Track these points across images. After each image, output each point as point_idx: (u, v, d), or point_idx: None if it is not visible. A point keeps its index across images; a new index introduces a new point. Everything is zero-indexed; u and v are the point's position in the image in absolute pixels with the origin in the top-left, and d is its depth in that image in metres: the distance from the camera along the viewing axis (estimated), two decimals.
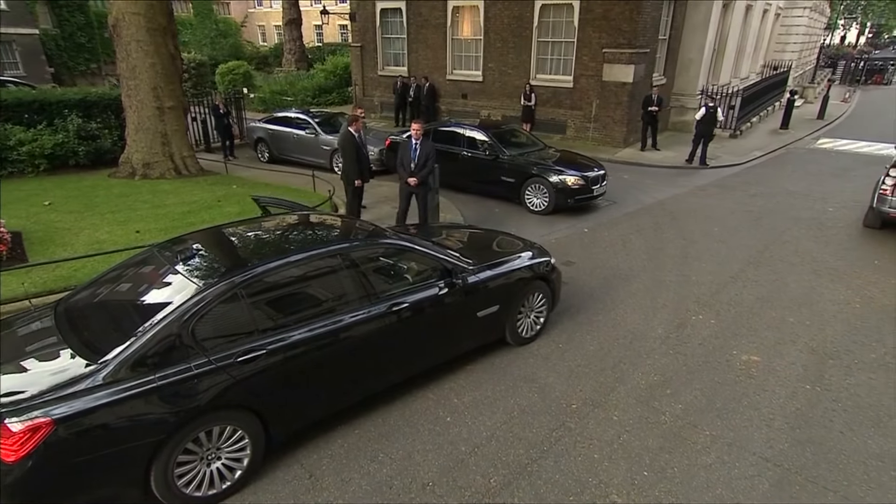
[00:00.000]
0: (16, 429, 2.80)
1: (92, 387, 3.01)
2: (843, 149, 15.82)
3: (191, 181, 11.33)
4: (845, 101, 25.35)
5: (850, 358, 5.25)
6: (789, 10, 26.51)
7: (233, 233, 4.62)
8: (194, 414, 3.30)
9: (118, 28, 10.46)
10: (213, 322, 3.45)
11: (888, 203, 8.22)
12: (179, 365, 3.26)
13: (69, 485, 3.04)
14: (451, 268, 4.73)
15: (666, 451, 4.03)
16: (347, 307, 4.04)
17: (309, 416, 4.03)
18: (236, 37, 39.70)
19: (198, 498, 3.45)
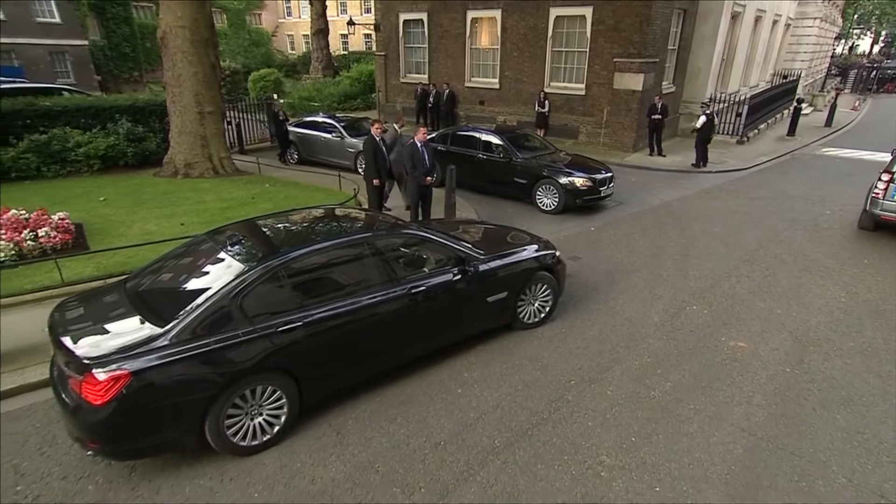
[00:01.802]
0: (101, 378, 3.30)
1: (160, 346, 3.50)
2: (847, 155, 15.81)
3: (227, 180, 11.88)
4: (855, 110, 25.08)
5: (830, 345, 5.51)
6: (799, 21, 26.31)
7: (273, 222, 5.09)
8: (241, 374, 3.76)
9: (166, 40, 11.08)
10: (257, 297, 3.90)
11: (880, 206, 8.38)
12: (230, 332, 3.72)
13: (141, 427, 3.52)
14: (464, 256, 5.12)
15: (653, 422, 4.37)
16: (372, 289, 4.46)
17: (337, 382, 4.47)
18: (267, 46, 40.71)
19: (243, 447, 3.91)
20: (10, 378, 4.68)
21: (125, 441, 3.52)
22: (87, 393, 3.32)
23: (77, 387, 3.39)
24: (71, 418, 3.49)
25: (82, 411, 3.38)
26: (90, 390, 3.30)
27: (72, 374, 3.44)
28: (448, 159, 10.37)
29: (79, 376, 3.36)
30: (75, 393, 3.42)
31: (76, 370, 3.40)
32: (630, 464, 3.89)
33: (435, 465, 3.87)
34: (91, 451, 3.54)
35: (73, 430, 3.55)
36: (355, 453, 3.99)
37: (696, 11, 17.05)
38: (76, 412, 3.43)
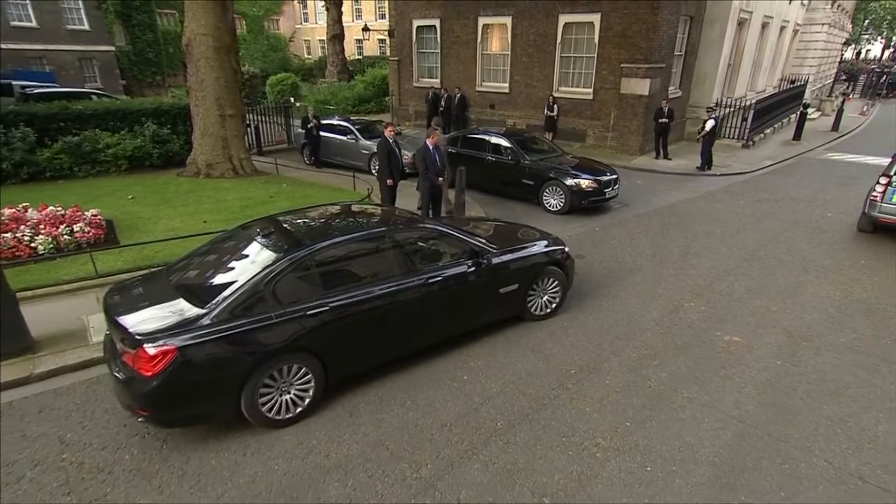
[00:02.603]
0: (151, 352, 3.65)
1: (203, 325, 3.85)
2: (852, 160, 15.78)
3: (246, 180, 12.24)
4: (864, 114, 24.89)
5: (822, 341, 5.65)
6: (807, 27, 26.17)
7: (302, 216, 5.44)
8: (273, 353, 4.08)
9: (190, 47, 11.46)
10: (289, 283, 4.23)
11: (878, 208, 8.47)
12: (264, 314, 4.05)
13: (185, 398, 3.87)
14: (478, 250, 5.38)
15: (648, 408, 4.56)
16: (392, 278, 4.75)
17: (359, 364, 4.76)
18: (285, 51, 41.27)
19: (274, 420, 4.23)
20: (53, 360, 5.00)
21: (172, 409, 3.87)
22: (139, 365, 3.68)
23: (130, 360, 3.75)
24: (124, 389, 3.84)
25: (134, 382, 3.73)
26: (142, 363, 3.67)
27: (126, 348, 3.82)
28: (458, 161, 10.60)
29: (132, 350, 3.73)
30: (128, 366, 3.78)
31: (130, 345, 3.76)
32: (623, 446, 4.09)
33: (441, 443, 4.11)
34: (142, 418, 3.87)
35: (126, 399, 3.90)
36: (367, 432, 4.24)
37: (703, 18, 17.11)
38: (129, 383, 3.78)
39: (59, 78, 22.77)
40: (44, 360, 4.98)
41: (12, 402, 4.56)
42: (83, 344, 5.26)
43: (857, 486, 3.70)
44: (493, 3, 17.22)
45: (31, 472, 3.78)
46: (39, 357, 5.02)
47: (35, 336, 5.17)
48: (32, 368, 4.86)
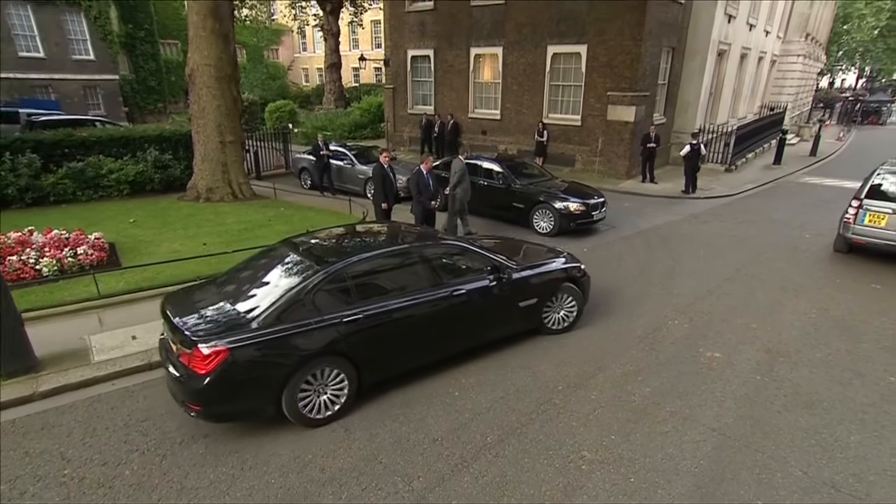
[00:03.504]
0: (205, 351, 3.99)
1: (251, 328, 4.20)
2: (829, 183, 16.20)
3: (245, 204, 12.40)
4: (840, 140, 25.54)
5: (799, 357, 5.80)
6: (784, 58, 27.02)
7: (340, 233, 5.87)
8: (312, 356, 4.40)
9: (193, 77, 11.75)
10: (327, 293, 4.58)
11: (851, 230, 8.72)
12: (304, 320, 4.38)
13: (233, 395, 4.17)
14: (499, 265, 5.66)
15: (632, 422, 4.67)
16: (420, 290, 5.08)
17: (388, 369, 5.05)
18: (283, 79, 42.00)
19: (312, 418, 4.52)
20: (56, 378, 5.06)
21: (221, 405, 4.18)
22: (193, 364, 4.01)
23: (186, 359, 4.08)
24: (178, 386, 4.18)
25: (189, 379, 4.06)
26: (196, 361, 4.00)
27: (182, 348, 4.14)
28: None
29: (188, 350, 4.05)
30: (184, 364, 4.11)
31: (185, 345, 4.09)
32: (608, 458, 4.19)
33: (433, 457, 4.19)
34: (193, 413, 4.17)
35: (179, 395, 4.23)
36: (361, 447, 4.32)
37: (684, 49, 17.70)
38: (183, 380, 4.11)
39: (64, 106, 23.06)
40: (47, 379, 5.04)
41: (15, 420, 4.61)
42: (85, 363, 5.33)
43: (830, 494, 3.81)
44: (484, 34, 17.76)
45: (33, 488, 3.83)
46: (42, 376, 5.08)
47: (39, 355, 5.24)
48: (35, 387, 4.92)
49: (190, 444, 4.32)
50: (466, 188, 9.70)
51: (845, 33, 47.85)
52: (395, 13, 20.22)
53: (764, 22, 22.49)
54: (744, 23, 20.08)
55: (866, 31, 47.54)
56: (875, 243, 8.56)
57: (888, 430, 4.56)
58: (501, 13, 17.10)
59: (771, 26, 23.81)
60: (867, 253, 8.96)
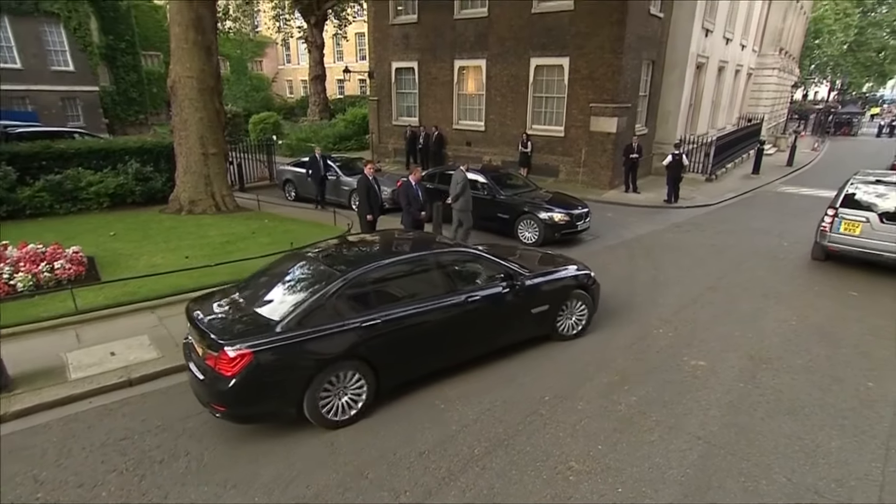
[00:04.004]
0: (231, 354, 4.12)
1: (275, 333, 4.31)
2: (805, 192, 16.59)
3: (228, 216, 12.28)
4: (815, 150, 26.22)
5: (781, 363, 5.89)
6: (760, 71, 27.75)
7: (358, 241, 6.11)
8: (333, 359, 4.52)
9: (175, 89, 11.66)
10: (347, 297, 4.72)
11: (828, 238, 8.92)
12: (326, 324, 4.50)
13: (258, 397, 4.31)
14: (512, 273, 5.79)
15: (618, 432, 4.67)
16: (436, 296, 5.21)
17: (406, 373, 5.15)
18: (267, 90, 41.89)
19: (332, 420, 4.63)
20: (29, 398, 4.91)
21: (246, 406, 4.31)
22: (219, 366, 4.14)
23: (212, 361, 4.20)
24: (204, 388, 4.31)
25: (215, 381, 4.19)
26: (222, 364, 4.12)
27: (208, 351, 4.25)
28: (436, 197, 10.85)
29: (214, 353, 4.18)
30: (210, 367, 4.23)
31: (212, 348, 4.21)
32: (596, 468, 4.18)
33: (419, 471, 4.14)
34: (219, 414, 4.31)
35: (205, 396, 4.35)
36: (346, 462, 4.25)
37: (664, 62, 18.09)
38: (209, 382, 4.24)
39: (42, 117, 22.67)
40: (20, 399, 4.89)
41: None
42: (61, 381, 5.19)
43: (813, 500, 3.85)
44: (467, 46, 17.95)
45: None
46: (15, 395, 4.93)
47: (12, 374, 5.09)
48: (8, 407, 4.77)
49: (171, 462, 4.22)
50: (468, 200, 9.77)
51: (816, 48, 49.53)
52: (379, 26, 20.35)
53: (740, 36, 23.10)
54: (721, 37, 20.61)
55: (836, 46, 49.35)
56: (850, 251, 8.76)
57: (867, 435, 4.63)
58: (485, 26, 17.32)
59: (746, 40, 24.47)
60: (843, 260, 9.16)
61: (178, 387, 5.35)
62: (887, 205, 8.61)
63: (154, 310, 6.94)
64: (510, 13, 16.63)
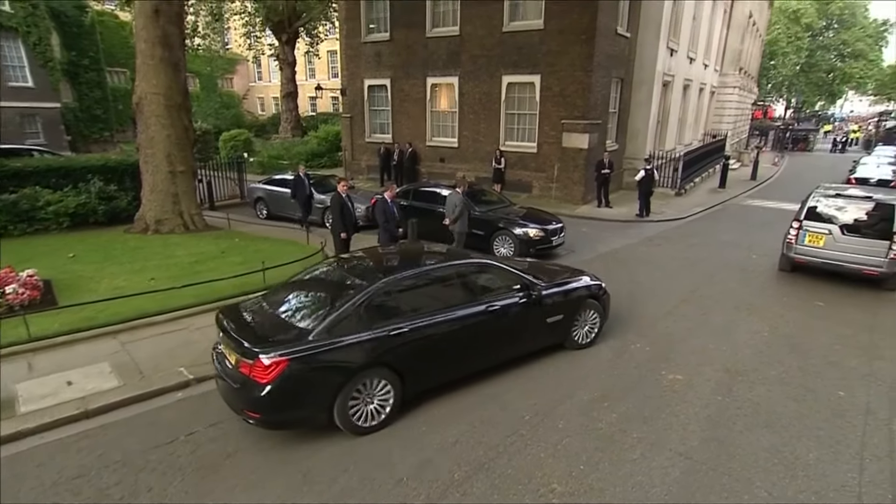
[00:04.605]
0: (266, 362, 4.24)
1: (308, 341, 4.45)
2: (770, 206, 17.14)
3: (197, 235, 11.91)
4: (775, 165, 27.24)
5: (756, 375, 5.95)
6: (722, 89, 28.83)
7: (384, 252, 6.41)
8: (362, 366, 4.65)
9: (141, 105, 11.35)
10: (376, 307, 4.86)
11: (794, 250, 9.18)
12: (355, 333, 4.63)
13: (291, 404, 4.41)
14: (528, 283, 5.96)
15: (600, 451, 4.61)
16: (458, 305, 5.38)
17: (430, 380, 5.28)
18: (238, 108, 41.38)
19: (361, 427, 4.74)
20: None
21: (279, 413, 4.40)
22: (254, 373, 4.26)
23: (247, 369, 4.31)
24: (237, 395, 4.45)
25: (249, 388, 4.30)
26: (257, 371, 4.25)
27: (243, 359, 4.37)
28: (410, 213, 10.78)
29: (249, 361, 4.29)
30: (243, 374, 4.36)
31: (247, 356, 4.32)
32: (579, 489, 4.10)
33: (398, 499, 3.98)
34: (252, 420, 4.43)
35: (239, 404, 4.48)
36: (322, 490, 4.07)
37: (632, 80, 18.58)
38: (243, 390, 4.36)
39: None
40: None
41: None
42: (9, 415, 4.85)
43: None
44: (440, 64, 18.09)
45: None
46: None
47: None
48: None
49: (130, 501, 3.95)
50: (464, 220, 9.76)
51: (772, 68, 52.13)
52: (351, 44, 20.38)
53: (702, 56, 23.98)
54: (685, 56, 21.33)
55: (789, 67, 52.11)
56: (815, 262, 9.02)
57: (842, 446, 4.69)
58: (457, 44, 17.51)
59: (708, 60, 25.41)
60: (809, 271, 9.42)
61: (142, 416, 5.09)
62: (847, 217, 8.93)
63: (116, 335, 6.62)
64: (482, 32, 16.87)
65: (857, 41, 52.49)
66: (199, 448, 4.61)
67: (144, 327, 6.90)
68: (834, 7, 52.02)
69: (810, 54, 52.46)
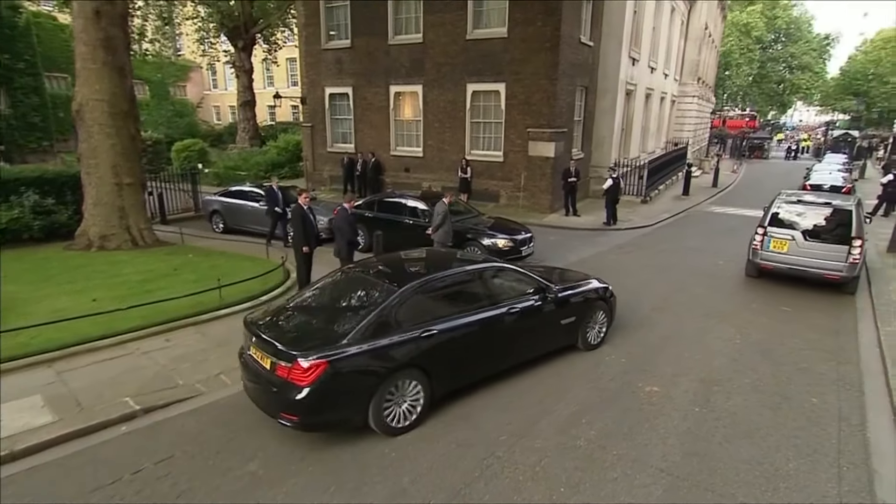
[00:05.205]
0: (305, 364, 4.37)
1: (344, 344, 4.59)
2: (732, 212, 17.74)
3: (147, 252, 11.34)
4: (735, 172, 28.35)
5: (731, 384, 6.00)
6: (682, 98, 29.90)
7: (405, 257, 6.59)
8: (396, 368, 4.81)
9: (81, 112, 10.75)
10: (406, 310, 5.04)
11: (759, 255, 9.44)
12: (388, 336, 4.81)
13: (329, 406, 4.55)
14: (544, 286, 6.25)
15: (580, 471, 4.49)
16: (481, 307, 5.62)
17: (457, 381, 5.48)
18: (192, 116, 40.12)
19: (394, 427, 4.90)
20: None
21: (317, 415, 4.55)
22: (293, 376, 4.39)
23: (284, 372, 4.44)
24: (274, 399, 4.60)
25: (288, 391, 4.42)
26: (296, 374, 4.38)
27: (279, 362, 4.50)
28: (375, 225, 10.56)
29: (287, 364, 4.43)
30: (280, 378, 4.48)
31: (285, 359, 4.46)
32: None
33: None
34: (290, 423, 4.52)
35: (275, 407, 4.61)
36: None
37: (596, 89, 18.98)
38: (280, 393, 4.48)
39: None
40: None
41: None
42: None
43: None
44: (403, 72, 18.00)
45: None
46: None
47: None
48: None
49: None
50: (447, 231, 9.67)
51: (727, 78, 54.74)
52: (311, 51, 20.07)
53: (662, 65, 24.80)
54: (646, 65, 21.99)
55: (743, 78, 54.89)
56: (780, 267, 9.29)
57: (820, 454, 4.73)
58: (420, 52, 17.48)
59: (668, 69, 26.32)
60: (775, 277, 9.69)
61: (80, 455, 4.67)
62: (808, 223, 9.25)
63: (52, 363, 6.12)
64: (445, 39, 16.90)
65: (804, 54, 55.95)
66: (146, 487, 4.25)
67: (85, 353, 6.42)
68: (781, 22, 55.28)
69: (761, 66, 55.50)
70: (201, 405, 5.56)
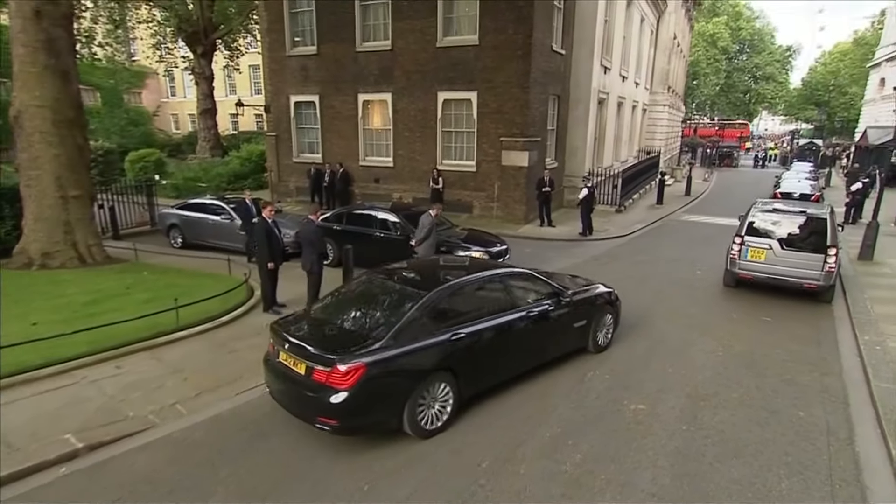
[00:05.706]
0: (343, 368, 4.54)
1: (379, 347, 4.78)
2: (706, 221, 18.10)
3: (95, 270, 10.77)
4: (706, 181, 29.09)
5: (717, 399, 5.96)
6: (653, 107, 30.64)
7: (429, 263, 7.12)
8: (428, 371, 5.03)
9: (20, 120, 10.18)
10: (435, 313, 5.28)
11: (737, 265, 9.55)
12: (420, 339, 5.02)
13: (366, 409, 4.76)
14: (558, 290, 6.60)
15: (567, 498, 4.33)
16: (503, 311, 5.88)
17: (482, 383, 5.70)
18: (148, 125, 38.95)
19: (427, 430, 5.09)
20: None
21: (355, 418, 4.72)
22: (332, 380, 4.54)
23: (322, 377, 4.60)
24: (310, 403, 4.74)
25: (325, 395, 4.55)
26: (335, 378, 4.53)
27: (316, 366, 4.66)
28: (345, 239, 10.30)
29: (325, 368, 4.59)
30: (317, 382, 4.62)
31: (322, 363, 4.63)
32: None
33: None
34: (328, 427, 4.66)
35: (312, 412, 4.75)
36: None
37: (569, 97, 19.21)
38: (318, 397, 4.60)
39: None
40: None
41: None
42: None
43: None
44: (371, 80, 17.84)
45: None
46: None
47: None
48: None
49: None
50: (432, 244, 9.49)
51: (696, 87, 56.68)
52: (275, 57, 19.72)
53: (634, 74, 25.36)
54: (618, 74, 22.43)
55: (711, 87, 56.93)
56: (759, 277, 9.41)
57: (811, 471, 4.69)
58: (389, 59, 17.36)
59: (639, 78, 26.93)
60: (753, 286, 9.80)
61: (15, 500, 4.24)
62: (783, 232, 9.42)
63: None
64: (415, 47, 16.83)
65: (767, 65, 58.56)
66: None
67: (20, 385, 5.95)
68: (745, 33, 57.77)
69: (728, 76, 57.76)
70: (154, 439, 5.20)
